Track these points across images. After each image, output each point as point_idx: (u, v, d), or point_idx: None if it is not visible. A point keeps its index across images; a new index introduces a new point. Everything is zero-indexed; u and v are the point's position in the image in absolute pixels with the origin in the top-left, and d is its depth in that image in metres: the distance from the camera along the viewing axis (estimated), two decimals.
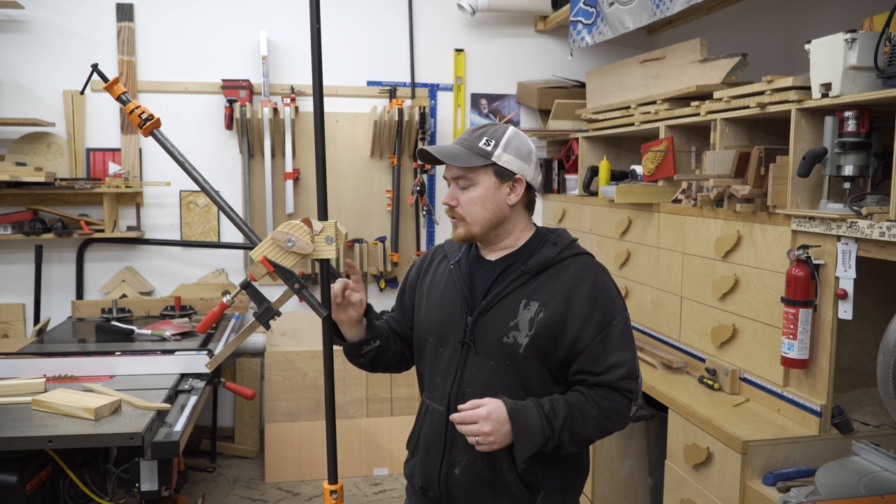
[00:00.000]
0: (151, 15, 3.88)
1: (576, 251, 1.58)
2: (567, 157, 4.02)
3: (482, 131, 1.55)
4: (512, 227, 1.59)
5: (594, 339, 1.49)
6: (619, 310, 1.53)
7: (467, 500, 1.57)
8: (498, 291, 1.54)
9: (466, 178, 1.54)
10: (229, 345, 1.67)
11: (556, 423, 1.44)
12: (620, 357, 1.49)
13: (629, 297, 3.17)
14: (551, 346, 1.50)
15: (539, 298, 1.51)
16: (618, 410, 1.49)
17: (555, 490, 1.56)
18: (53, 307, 3.85)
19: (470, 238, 1.58)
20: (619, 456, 3.13)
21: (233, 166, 4.01)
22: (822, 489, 1.75)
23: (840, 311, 1.97)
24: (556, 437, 1.44)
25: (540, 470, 1.54)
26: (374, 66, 4.13)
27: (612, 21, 3.21)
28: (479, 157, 1.52)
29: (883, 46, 1.84)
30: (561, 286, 1.51)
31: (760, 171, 2.23)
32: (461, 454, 1.56)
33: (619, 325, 1.51)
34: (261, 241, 1.61)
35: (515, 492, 1.53)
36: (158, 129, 1.66)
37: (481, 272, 1.60)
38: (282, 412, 3.74)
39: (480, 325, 1.54)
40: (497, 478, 1.53)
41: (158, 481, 2.17)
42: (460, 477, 1.56)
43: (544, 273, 1.54)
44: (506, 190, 1.55)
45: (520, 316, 1.51)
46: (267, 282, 1.71)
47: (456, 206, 1.56)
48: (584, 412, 1.46)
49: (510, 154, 1.53)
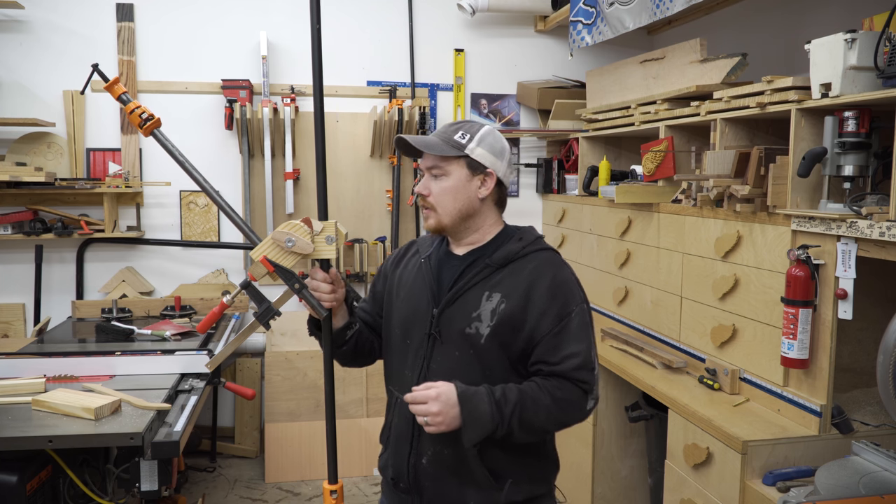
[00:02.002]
0: (151, 15, 3.88)
1: (540, 247, 1.62)
2: (567, 157, 4.02)
3: (459, 126, 1.61)
4: (481, 222, 1.63)
5: (551, 330, 1.52)
6: (578, 302, 1.56)
7: (435, 490, 1.60)
8: (462, 284, 1.58)
9: (440, 168, 1.58)
10: (229, 345, 1.67)
11: (505, 410, 1.46)
12: (576, 348, 1.52)
13: (629, 297, 3.17)
14: (512, 337, 1.53)
15: (501, 290, 1.55)
16: (571, 401, 1.51)
17: (522, 479, 1.59)
18: (53, 307, 3.85)
19: (440, 229, 1.62)
20: (619, 456, 3.13)
21: (233, 166, 4.01)
22: (822, 489, 1.75)
23: (840, 311, 1.97)
24: (505, 424, 1.46)
25: (505, 459, 1.57)
26: (374, 66, 4.13)
27: (612, 21, 3.21)
28: (453, 148, 1.57)
29: (883, 46, 1.84)
30: (523, 279, 1.55)
31: (760, 171, 2.23)
32: (428, 444, 1.59)
33: (577, 318, 1.54)
34: (261, 241, 1.61)
35: (482, 480, 1.56)
36: (159, 128, 1.66)
37: (449, 266, 1.64)
38: (282, 412, 3.74)
39: (446, 317, 1.58)
40: (463, 466, 1.56)
41: (158, 481, 2.17)
42: (428, 466, 1.59)
43: (508, 266, 1.58)
44: (477, 183, 1.59)
45: (482, 307, 1.55)
46: (267, 282, 1.71)
47: (428, 196, 1.60)
48: (537, 401, 1.48)
49: (483, 149, 1.59)
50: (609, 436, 3.10)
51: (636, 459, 3.15)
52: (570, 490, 3.34)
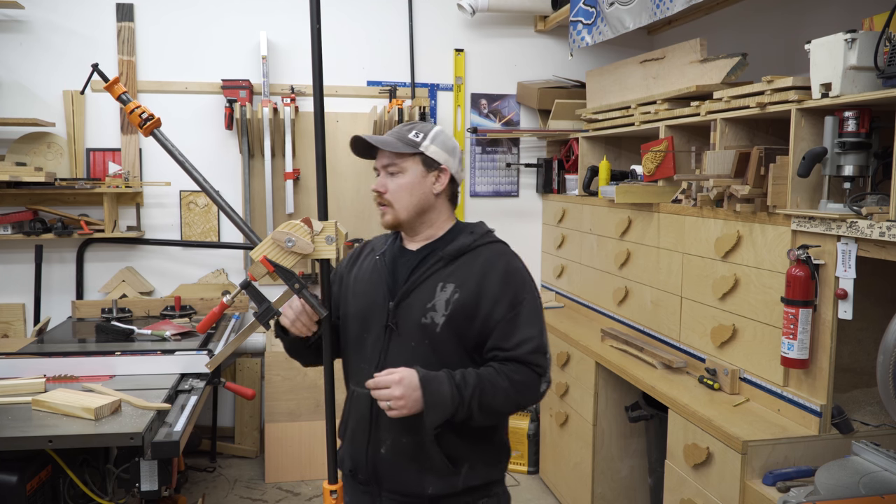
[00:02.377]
0: (151, 15, 3.88)
1: (491, 239, 1.69)
2: (567, 157, 4.02)
3: (412, 126, 1.69)
4: (435, 217, 1.70)
5: (505, 317, 1.59)
6: (529, 290, 1.64)
7: (395, 478, 1.64)
8: (417, 276, 1.64)
9: (396, 166, 1.65)
10: (229, 345, 1.68)
11: (465, 393, 1.51)
12: (529, 333, 1.59)
13: (629, 297, 3.17)
14: (466, 325, 1.60)
15: (455, 281, 1.62)
16: (527, 384, 1.58)
17: (478, 462, 1.65)
18: (53, 307, 3.85)
19: (397, 224, 1.68)
20: (619, 456, 3.13)
21: (233, 166, 4.01)
22: (822, 489, 1.75)
23: (840, 311, 1.97)
24: (465, 406, 1.52)
25: (462, 445, 1.63)
26: (374, 66, 4.13)
27: (612, 21, 3.22)
28: (408, 146, 1.64)
29: (883, 46, 1.84)
30: (475, 270, 1.62)
31: (760, 171, 2.23)
32: (386, 433, 1.63)
33: (529, 304, 1.61)
34: (261, 241, 1.61)
35: (440, 466, 1.61)
36: (159, 128, 1.66)
37: (403, 261, 1.71)
38: (282, 412, 3.74)
39: (402, 309, 1.63)
40: (422, 453, 1.61)
41: (158, 481, 2.17)
42: (387, 455, 1.64)
43: (460, 259, 1.65)
44: (431, 179, 1.67)
45: (436, 298, 1.61)
46: (267, 282, 1.71)
47: (385, 193, 1.66)
48: (495, 384, 1.55)
49: (437, 146, 1.66)
50: (609, 436, 3.10)
51: (636, 459, 3.15)
52: (570, 490, 3.34)
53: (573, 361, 3.29)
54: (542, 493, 3.68)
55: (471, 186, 4.30)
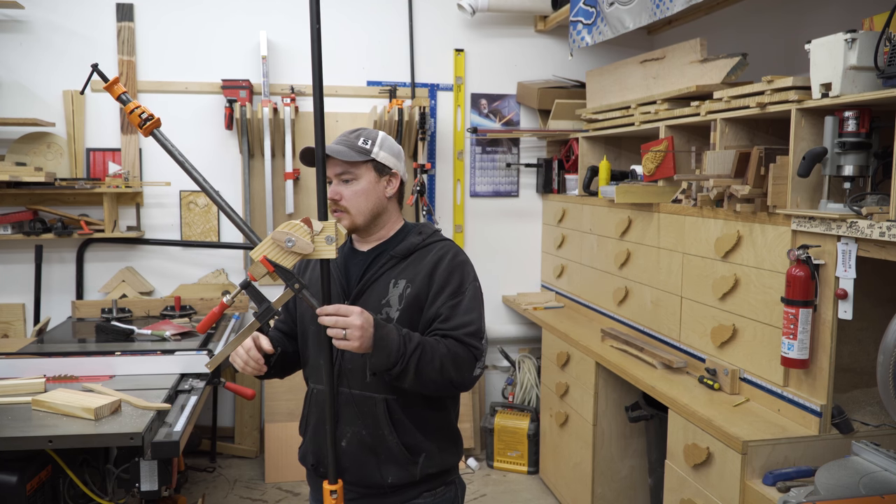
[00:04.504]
0: (151, 15, 3.88)
1: (438, 238, 1.79)
2: (567, 157, 4.02)
3: (357, 133, 1.75)
4: (387, 219, 1.79)
5: (447, 303, 1.68)
6: (471, 281, 1.74)
7: (356, 470, 1.71)
8: (370, 275, 1.73)
9: (350, 174, 1.72)
10: (229, 345, 1.68)
11: (409, 346, 1.57)
12: (469, 318, 1.68)
13: (629, 297, 3.17)
14: (418, 317, 1.70)
15: (406, 277, 1.71)
16: (463, 359, 1.64)
17: (434, 452, 1.73)
18: (53, 307, 3.85)
19: (353, 228, 1.75)
20: (619, 456, 3.13)
21: (233, 166, 4.01)
22: (822, 489, 1.75)
23: (840, 311, 1.97)
24: (405, 360, 1.56)
25: (418, 434, 1.71)
26: (374, 66, 4.13)
27: (612, 21, 3.22)
28: (360, 154, 1.72)
29: (883, 46, 1.84)
30: (425, 265, 1.72)
31: (760, 171, 2.23)
32: (346, 426, 1.71)
33: (470, 293, 1.71)
34: (261, 241, 1.61)
35: (399, 455, 1.69)
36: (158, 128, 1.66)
37: (355, 261, 1.79)
38: (282, 412, 3.74)
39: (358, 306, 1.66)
40: (381, 444, 1.69)
41: (158, 481, 2.17)
42: (347, 448, 1.71)
43: (410, 257, 1.74)
44: (384, 183, 1.76)
45: (390, 294, 1.70)
46: (267, 282, 1.71)
47: (340, 200, 1.72)
48: (434, 348, 1.61)
49: (386, 152, 1.75)
50: (609, 436, 3.10)
51: (636, 459, 3.15)
52: (570, 490, 3.34)
53: (573, 361, 3.28)
54: (542, 493, 3.68)
55: (471, 186, 4.30)
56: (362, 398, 1.70)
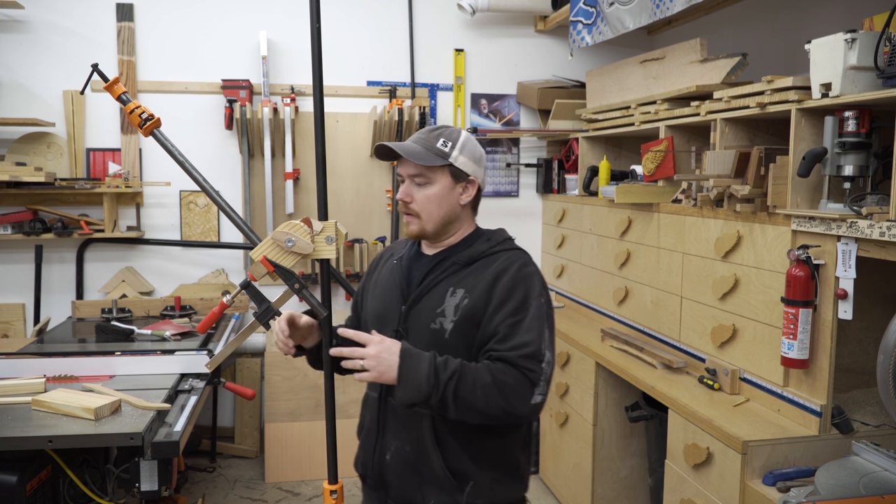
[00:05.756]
0: (151, 15, 3.88)
1: (508, 247, 1.64)
2: (567, 157, 4.02)
3: (438, 132, 1.61)
4: (458, 226, 1.66)
5: (507, 320, 1.51)
6: (536, 296, 1.55)
7: (399, 487, 1.61)
8: (429, 280, 1.61)
9: (424, 177, 1.59)
10: (229, 345, 1.68)
11: (442, 376, 1.43)
12: (527, 338, 1.50)
13: (629, 297, 3.17)
14: (474, 331, 1.55)
15: (465, 286, 1.57)
16: (514, 387, 1.46)
17: (485, 483, 1.57)
18: (53, 307, 3.85)
19: (422, 234, 1.64)
20: (619, 456, 3.13)
21: (233, 166, 4.01)
22: (822, 489, 1.75)
23: (840, 311, 1.97)
24: (440, 391, 1.43)
25: (468, 460, 1.56)
26: (374, 66, 4.13)
27: (612, 21, 3.21)
28: (437, 157, 1.58)
29: (883, 46, 1.84)
30: (487, 275, 1.57)
31: (760, 171, 2.23)
32: (391, 439, 1.61)
33: (534, 310, 1.53)
34: (261, 241, 1.61)
35: (443, 479, 1.55)
36: (158, 128, 1.67)
37: (419, 265, 1.67)
38: (282, 412, 3.74)
39: (413, 314, 1.60)
40: (424, 464, 1.56)
41: (158, 481, 2.17)
42: (391, 462, 1.61)
43: (474, 264, 1.60)
44: (459, 190, 1.62)
45: (446, 303, 1.56)
46: (267, 282, 1.71)
47: (411, 203, 1.61)
48: (476, 377, 1.45)
49: (465, 157, 1.60)
50: (609, 436, 3.10)
51: (636, 459, 3.15)
52: (570, 490, 3.34)
53: (573, 361, 3.28)
54: (542, 493, 3.68)
55: None
56: (407, 412, 1.56)
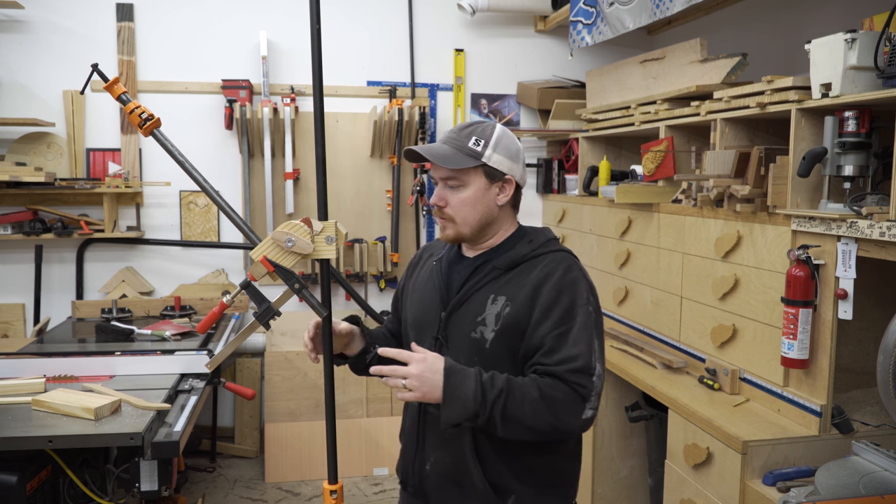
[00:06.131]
0: (151, 15, 3.88)
1: (552, 248, 1.54)
2: (567, 157, 4.02)
3: (471, 130, 1.52)
4: (498, 227, 1.57)
5: (553, 332, 1.43)
6: (583, 303, 1.46)
7: (438, 497, 1.57)
8: (469, 287, 1.53)
9: (456, 179, 1.51)
10: (229, 345, 1.67)
11: (489, 395, 1.36)
12: (576, 351, 1.41)
13: (629, 297, 3.17)
14: (517, 342, 1.47)
15: (507, 293, 1.48)
16: (562, 402, 1.39)
17: (526, 496, 1.51)
18: (53, 307, 3.85)
19: (459, 239, 1.57)
20: (619, 456, 3.13)
21: (233, 166, 4.01)
22: (822, 489, 1.75)
23: (840, 311, 1.96)
24: (487, 409, 1.36)
25: (509, 473, 1.50)
26: (374, 66, 4.13)
27: (612, 21, 3.21)
28: (469, 157, 1.49)
29: (883, 46, 1.84)
30: (530, 281, 1.48)
31: (760, 171, 2.23)
32: (431, 450, 1.56)
33: (581, 319, 1.44)
34: (261, 241, 1.61)
35: (483, 492, 1.49)
36: (158, 128, 1.67)
37: (459, 269, 1.59)
38: (282, 412, 3.74)
39: (453, 321, 1.54)
40: (465, 477, 1.51)
41: (158, 481, 2.17)
42: (431, 473, 1.57)
43: (516, 269, 1.51)
44: (495, 190, 1.53)
45: (487, 311, 1.48)
46: (267, 282, 1.71)
47: (445, 207, 1.53)
48: (524, 393, 1.38)
49: (500, 154, 1.51)
50: (609, 436, 3.10)
51: (636, 459, 3.14)
52: None
53: None
54: None
55: None
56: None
